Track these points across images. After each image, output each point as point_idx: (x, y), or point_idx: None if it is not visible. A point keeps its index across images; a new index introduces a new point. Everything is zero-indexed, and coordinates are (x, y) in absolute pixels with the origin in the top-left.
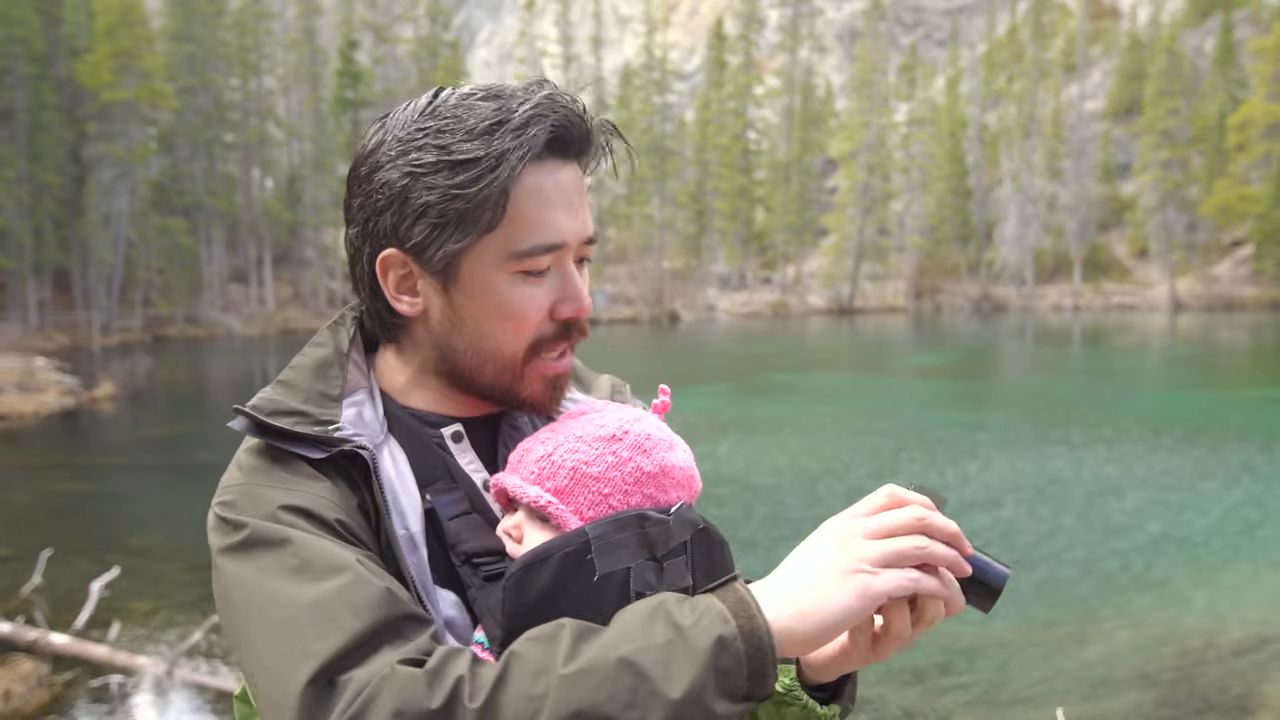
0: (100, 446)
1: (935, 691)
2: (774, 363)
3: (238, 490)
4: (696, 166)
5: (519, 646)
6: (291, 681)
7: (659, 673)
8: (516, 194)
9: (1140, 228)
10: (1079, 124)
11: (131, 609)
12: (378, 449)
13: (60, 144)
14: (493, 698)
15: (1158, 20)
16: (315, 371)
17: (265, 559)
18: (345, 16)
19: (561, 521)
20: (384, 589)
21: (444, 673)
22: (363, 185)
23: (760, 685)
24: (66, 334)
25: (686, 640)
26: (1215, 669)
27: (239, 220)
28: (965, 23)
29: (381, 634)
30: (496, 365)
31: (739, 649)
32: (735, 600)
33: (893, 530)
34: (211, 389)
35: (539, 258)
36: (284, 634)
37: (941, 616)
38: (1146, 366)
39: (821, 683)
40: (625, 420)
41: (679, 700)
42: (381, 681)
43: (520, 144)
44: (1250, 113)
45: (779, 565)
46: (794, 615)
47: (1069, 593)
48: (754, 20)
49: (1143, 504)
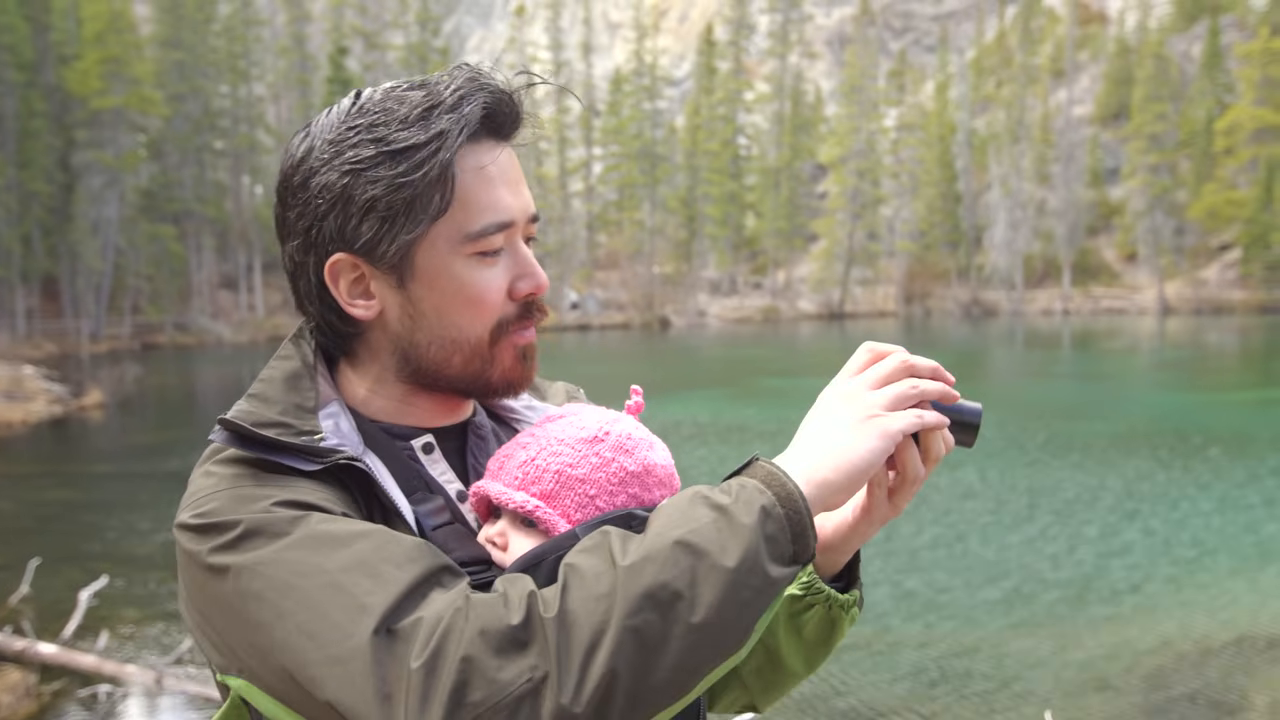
0: (89, 455)
1: (925, 693)
2: (765, 368)
3: (222, 496)
4: (687, 172)
5: (572, 558)
6: (356, 636)
7: (714, 547)
8: (461, 176)
9: (1129, 232)
10: (1067, 129)
11: (120, 618)
12: (363, 459)
13: (49, 151)
14: (564, 605)
15: (1145, 25)
16: (287, 384)
17: (279, 541)
18: (335, 23)
19: (550, 525)
20: (419, 541)
21: (514, 593)
22: (298, 195)
23: (803, 547)
24: (55, 342)
25: (731, 516)
26: (1201, 670)
27: (229, 227)
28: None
29: (429, 581)
30: (464, 353)
31: (780, 514)
32: (765, 474)
33: (887, 377)
34: (201, 397)
35: (492, 237)
36: (329, 598)
37: (944, 452)
38: (1135, 370)
39: (834, 572)
40: (605, 421)
41: (736, 567)
42: (456, 612)
43: (457, 122)
44: (1237, 117)
45: (795, 437)
46: (830, 468)
47: (1057, 595)
48: (744, 26)
49: (1128, 508)
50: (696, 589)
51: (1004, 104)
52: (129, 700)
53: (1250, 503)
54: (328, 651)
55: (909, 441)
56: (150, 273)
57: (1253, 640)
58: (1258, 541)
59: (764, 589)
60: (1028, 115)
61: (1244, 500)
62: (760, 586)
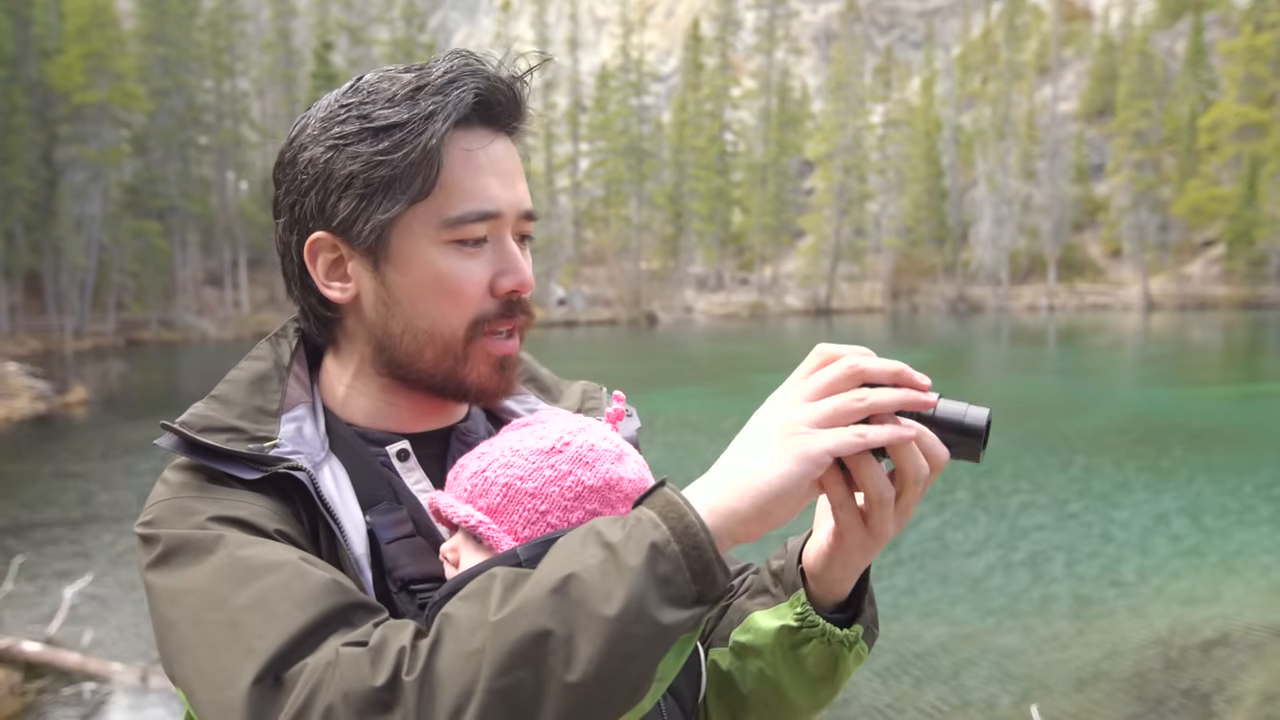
0: (72, 452)
1: (911, 690)
2: (753, 363)
3: (162, 506)
4: (673, 168)
5: (450, 608)
6: (236, 685)
7: (595, 594)
8: (446, 160)
9: (1113, 228)
10: (1053, 125)
11: (105, 616)
12: (317, 467)
13: (31, 146)
14: (429, 664)
15: (1130, 22)
16: (251, 386)
17: (196, 566)
18: (320, 18)
19: (493, 543)
20: (328, 579)
21: (386, 648)
22: (287, 171)
23: (708, 586)
24: (38, 338)
25: (618, 555)
26: (1186, 666)
27: (213, 223)
28: (940, 25)
29: (328, 624)
30: (436, 347)
31: (674, 551)
32: (664, 504)
33: (829, 386)
34: (185, 393)
35: (472, 225)
36: (224, 637)
37: (925, 470)
38: (1120, 366)
39: (837, 601)
40: (567, 431)
41: (617, 616)
42: (327, 667)
43: (444, 105)
44: (1221, 114)
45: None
46: (737, 496)
47: (1042, 592)
48: (730, 22)
49: (1112, 503)
50: (574, 642)
51: (989, 100)
52: (114, 698)
53: (1234, 498)
54: (213, 696)
55: (867, 458)
56: (134, 269)
57: (1238, 636)
58: (1242, 536)
59: (654, 638)
60: (1013, 111)
61: (1228, 495)
62: (649, 635)
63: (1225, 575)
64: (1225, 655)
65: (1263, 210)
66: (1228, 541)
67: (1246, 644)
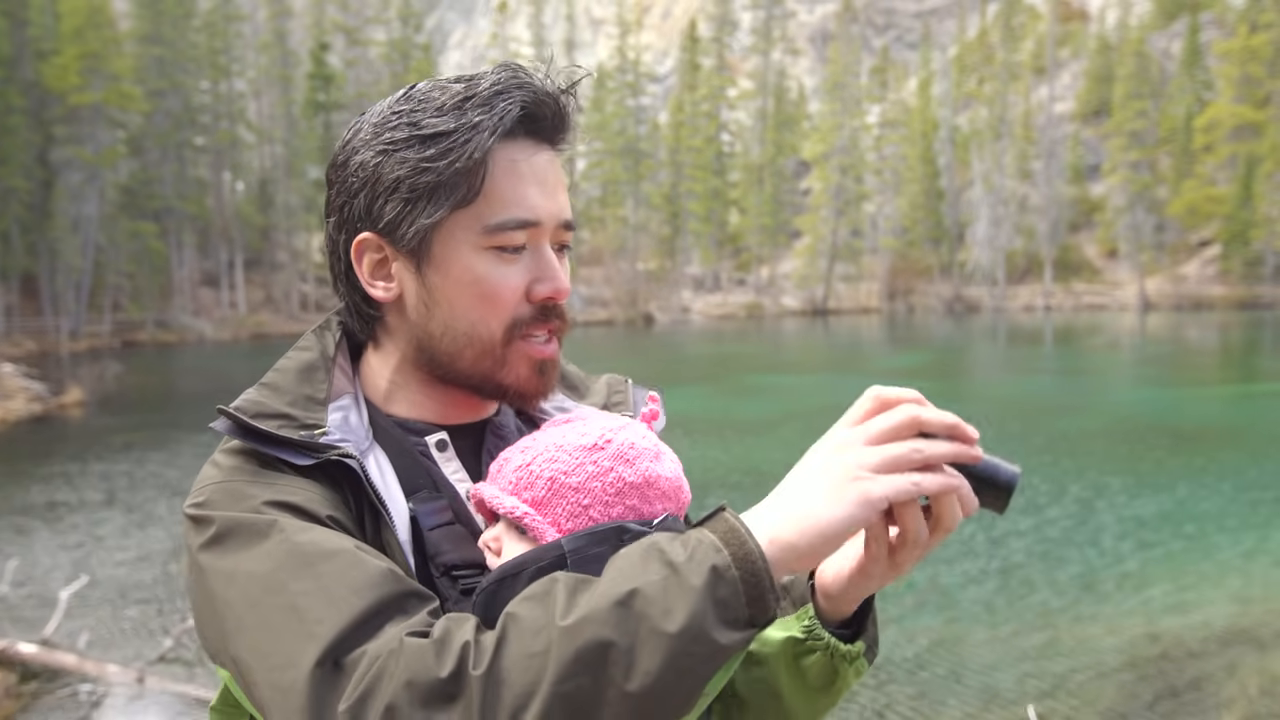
0: (68, 453)
1: (908, 689)
2: (750, 364)
3: (215, 488)
4: (670, 169)
5: (514, 607)
6: (298, 666)
7: (657, 610)
8: (491, 168)
9: (1110, 228)
10: (1049, 126)
11: (101, 617)
12: (364, 455)
13: (27, 147)
14: (495, 662)
15: (1126, 23)
16: (300, 374)
17: (252, 549)
18: (317, 19)
19: (538, 534)
20: (384, 568)
21: (450, 641)
22: (339, 172)
23: (761, 611)
24: (34, 340)
25: (681, 575)
26: (1184, 665)
27: (210, 224)
28: (936, 25)
29: (385, 611)
30: (475, 349)
31: (734, 576)
32: (726, 529)
33: (888, 434)
34: (182, 395)
35: (512, 233)
36: (283, 621)
37: (959, 517)
38: (1116, 366)
39: (843, 618)
40: (608, 429)
41: (678, 633)
42: (390, 655)
43: (491, 116)
44: (1216, 114)
45: (777, 486)
46: (795, 531)
47: (1040, 591)
48: (727, 23)
49: (1109, 502)
50: (635, 654)
51: (986, 101)
52: (110, 699)
53: (1230, 496)
54: (273, 678)
55: (913, 503)
56: (131, 270)
57: (1235, 634)
58: (1239, 535)
59: (710, 656)
60: (1009, 112)
61: (1224, 494)
62: (706, 654)
63: (1221, 575)
64: (1226, 654)
65: (1258, 210)
66: (1226, 541)
67: (1247, 643)
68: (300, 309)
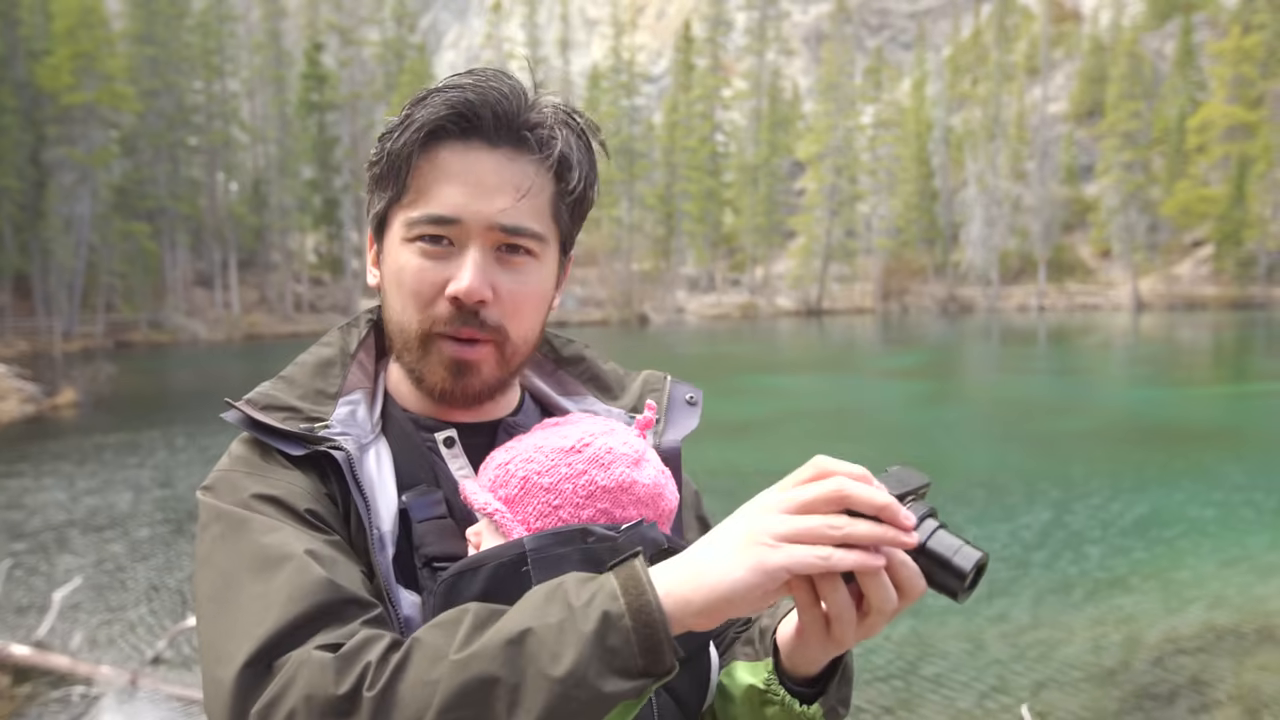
0: (62, 454)
1: (900, 689)
2: (744, 364)
3: (218, 476)
4: (665, 169)
5: (422, 633)
6: (232, 663)
7: (546, 652)
8: (419, 163)
9: (1103, 229)
10: (1042, 126)
11: (94, 619)
12: (363, 449)
13: (20, 147)
14: (390, 685)
15: (1119, 23)
16: (316, 369)
17: (227, 544)
18: (310, 19)
19: (506, 531)
20: (325, 577)
21: (354, 659)
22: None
23: (654, 661)
24: (27, 340)
25: (575, 619)
26: (1178, 665)
27: (203, 224)
28: (930, 26)
29: (317, 619)
30: (402, 340)
31: (626, 626)
32: (627, 576)
33: (807, 505)
34: (175, 395)
35: (427, 227)
36: (231, 618)
37: (893, 600)
38: (1110, 365)
39: (809, 676)
40: (589, 433)
41: (562, 678)
42: (300, 666)
43: (421, 114)
44: (1209, 115)
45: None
46: (692, 587)
47: (1032, 591)
48: (721, 23)
49: (1102, 502)
50: (519, 694)
51: (980, 101)
52: (103, 701)
53: (1223, 496)
54: (212, 670)
55: (832, 577)
56: (124, 270)
57: (1229, 634)
58: (1233, 535)
59: (593, 702)
60: (1003, 112)
61: (1217, 494)
62: (589, 700)
63: (1218, 574)
64: (1220, 655)
65: (1251, 211)
66: (1219, 541)
67: (1241, 643)
68: (294, 309)
